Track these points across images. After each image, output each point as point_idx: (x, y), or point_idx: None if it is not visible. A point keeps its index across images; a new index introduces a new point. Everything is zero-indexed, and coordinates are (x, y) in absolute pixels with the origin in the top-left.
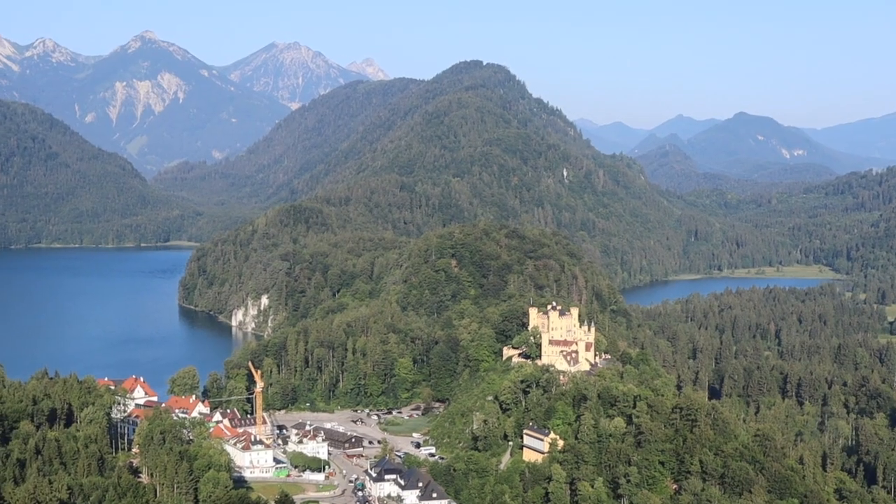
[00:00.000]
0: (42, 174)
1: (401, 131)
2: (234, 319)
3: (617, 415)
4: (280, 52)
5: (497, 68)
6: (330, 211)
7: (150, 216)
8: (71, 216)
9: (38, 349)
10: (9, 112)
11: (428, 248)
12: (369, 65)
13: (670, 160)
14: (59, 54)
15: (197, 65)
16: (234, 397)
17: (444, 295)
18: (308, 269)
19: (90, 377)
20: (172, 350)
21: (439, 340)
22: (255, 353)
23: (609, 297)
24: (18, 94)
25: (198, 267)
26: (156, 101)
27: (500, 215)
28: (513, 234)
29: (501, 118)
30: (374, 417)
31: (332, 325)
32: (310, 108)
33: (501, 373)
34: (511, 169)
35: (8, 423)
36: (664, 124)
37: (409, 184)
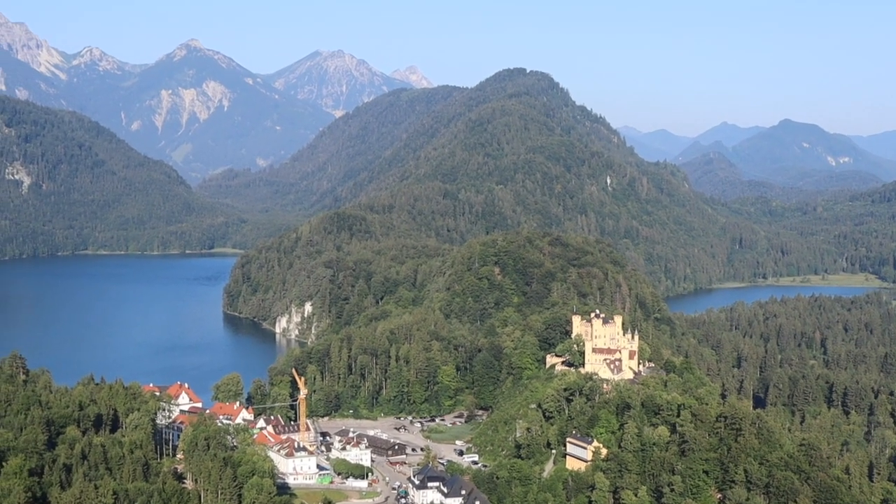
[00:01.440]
0: (89, 181)
1: (444, 139)
2: (278, 326)
3: (661, 423)
4: (324, 59)
5: (540, 76)
6: (373, 218)
7: (194, 223)
8: (117, 223)
9: (85, 355)
10: (56, 120)
11: (471, 255)
12: (413, 72)
13: (714, 168)
14: (106, 63)
15: (242, 73)
16: (277, 404)
17: (488, 302)
18: (351, 277)
19: (136, 383)
20: (217, 357)
21: (482, 348)
22: (298, 359)
23: (653, 306)
24: (66, 102)
25: (242, 274)
26: (201, 109)
27: (543, 223)
28: (556, 241)
29: (545, 126)
30: (417, 425)
31: (375, 332)
32: (353, 115)
33: (544, 381)
34: (554, 176)
35: (55, 428)
36: (708, 132)
37: (453, 191)
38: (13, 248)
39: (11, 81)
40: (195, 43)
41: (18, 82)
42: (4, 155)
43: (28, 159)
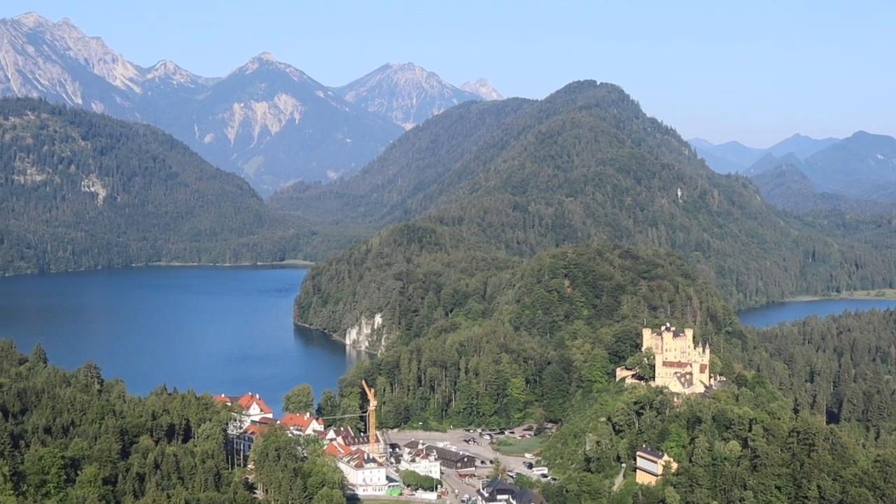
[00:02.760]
0: (162, 193)
1: (514, 151)
2: (348, 338)
3: (732, 438)
4: (394, 72)
5: (611, 88)
6: (443, 230)
7: (266, 235)
8: (189, 235)
9: (158, 365)
10: (131, 133)
11: (541, 267)
12: (483, 85)
13: (787, 180)
14: (180, 76)
15: (313, 86)
16: (347, 415)
17: (557, 315)
18: (421, 289)
19: (207, 393)
20: (287, 368)
21: (552, 361)
22: (368, 371)
23: (724, 319)
24: (140, 115)
25: (313, 286)
26: (272, 122)
27: (613, 235)
28: (626, 254)
29: (615, 138)
30: (486, 437)
31: (444, 344)
32: (423, 128)
33: (614, 394)
34: (625, 189)
35: (128, 437)
36: (781, 143)
37: (523, 203)
38: (89, 259)
39: (88, 95)
40: (267, 56)
41: (94, 96)
42: (80, 167)
43: (103, 172)
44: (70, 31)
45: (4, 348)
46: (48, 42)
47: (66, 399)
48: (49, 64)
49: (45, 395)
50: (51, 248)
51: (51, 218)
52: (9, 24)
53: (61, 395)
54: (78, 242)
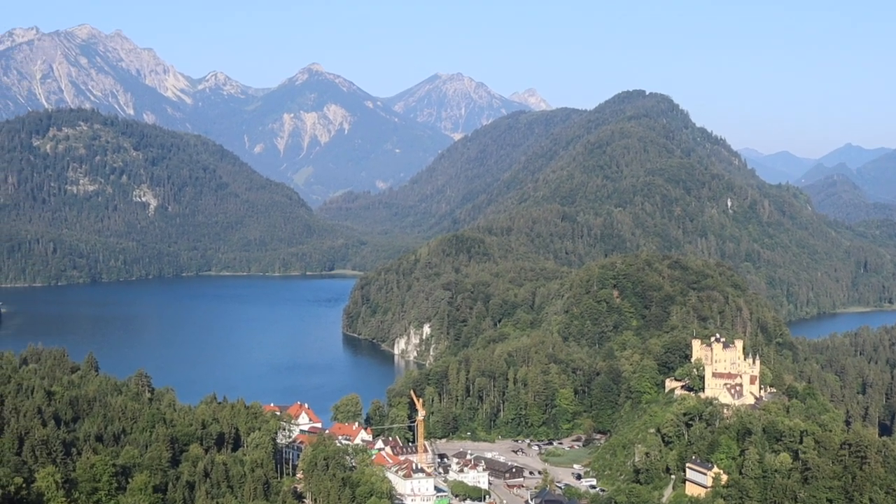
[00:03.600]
0: (213, 204)
1: (563, 161)
2: (397, 348)
3: (783, 450)
4: (443, 83)
5: (660, 98)
6: (492, 241)
7: (315, 245)
8: (239, 245)
9: (208, 374)
10: (182, 143)
11: (590, 278)
12: (531, 95)
13: (838, 190)
14: (230, 87)
15: (362, 96)
16: (396, 425)
17: (606, 326)
18: (470, 299)
19: (257, 403)
20: (336, 377)
21: (601, 371)
22: (416, 381)
23: (774, 330)
24: (191, 125)
25: (361, 295)
26: (322, 133)
27: (662, 246)
28: (676, 264)
29: (664, 148)
30: (534, 448)
31: (493, 354)
32: (472, 138)
33: (664, 405)
34: (674, 199)
35: (178, 445)
36: (832, 153)
37: (571, 214)
38: (140, 268)
39: (139, 106)
40: (317, 67)
41: (146, 107)
42: (132, 178)
43: (154, 182)
44: (122, 42)
45: (57, 357)
46: (101, 54)
47: (118, 407)
48: (101, 75)
49: (96, 403)
50: (103, 257)
51: (103, 228)
52: (62, 37)
53: (113, 403)
54: (129, 252)
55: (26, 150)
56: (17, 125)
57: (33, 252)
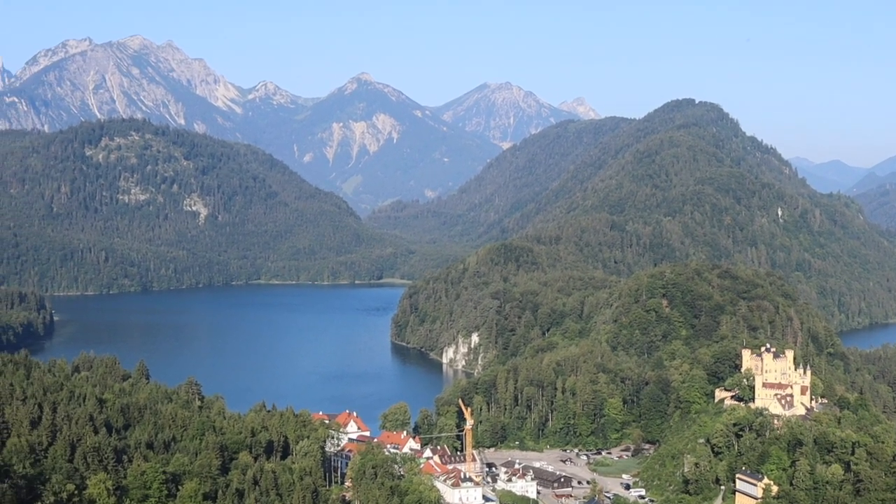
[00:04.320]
0: (262, 213)
1: (611, 170)
2: (445, 357)
3: (834, 461)
4: (492, 92)
5: (710, 106)
6: (540, 250)
7: (364, 254)
8: (289, 253)
9: (257, 382)
10: (232, 153)
11: (639, 287)
12: (580, 104)
13: (891, 199)
14: (280, 97)
15: (411, 105)
16: (444, 434)
17: (655, 335)
18: (518, 308)
19: (305, 411)
20: (384, 386)
21: (650, 381)
22: (465, 390)
23: (826, 340)
24: (241, 135)
25: (410, 304)
26: (371, 142)
27: (712, 255)
28: (725, 274)
29: (714, 157)
30: (583, 457)
31: (541, 363)
32: (521, 147)
33: (713, 415)
34: (724, 208)
35: (228, 453)
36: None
37: (620, 223)
38: (190, 277)
39: (190, 116)
40: (366, 76)
41: (197, 116)
42: (183, 187)
43: (205, 191)
44: (173, 53)
45: (109, 364)
46: (152, 64)
47: (168, 415)
48: (153, 85)
49: (147, 410)
50: (153, 266)
51: (154, 237)
52: (115, 47)
53: (163, 410)
54: (180, 261)
55: (79, 159)
56: (70, 135)
57: (86, 261)
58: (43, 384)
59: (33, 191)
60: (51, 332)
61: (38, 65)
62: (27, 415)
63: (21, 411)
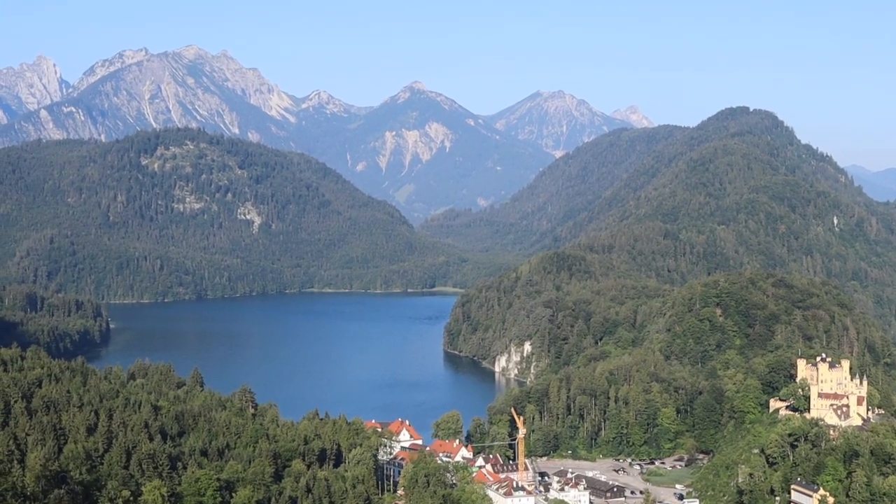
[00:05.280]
0: (315, 221)
1: (665, 178)
2: (497, 365)
3: (891, 473)
4: (545, 100)
5: (764, 114)
6: (593, 258)
7: (416, 262)
8: (342, 262)
9: (310, 390)
10: (286, 161)
11: (692, 296)
12: (633, 112)
13: None
14: (333, 106)
15: (463, 114)
16: (496, 443)
17: (709, 344)
18: (571, 317)
19: (358, 419)
20: (437, 394)
21: (703, 391)
22: (517, 399)
23: (882, 350)
24: (295, 144)
25: (462, 313)
26: (423, 150)
27: (766, 264)
28: (780, 283)
29: (769, 165)
30: (636, 467)
31: (594, 372)
32: (573, 156)
33: (768, 425)
34: (778, 217)
35: (281, 461)
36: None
37: (673, 231)
38: (244, 285)
39: (244, 125)
40: (419, 85)
41: (251, 125)
42: (237, 196)
43: (259, 200)
44: (228, 62)
45: (163, 372)
46: (207, 74)
47: (222, 422)
48: (208, 95)
49: (201, 418)
50: (208, 274)
51: (208, 245)
52: (170, 57)
53: (217, 418)
54: (234, 269)
55: (135, 168)
56: (127, 145)
57: (141, 269)
58: (99, 391)
59: (90, 200)
60: (107, 340)
61: (95, 75)
62: (84, 421)
63: (78, 418)
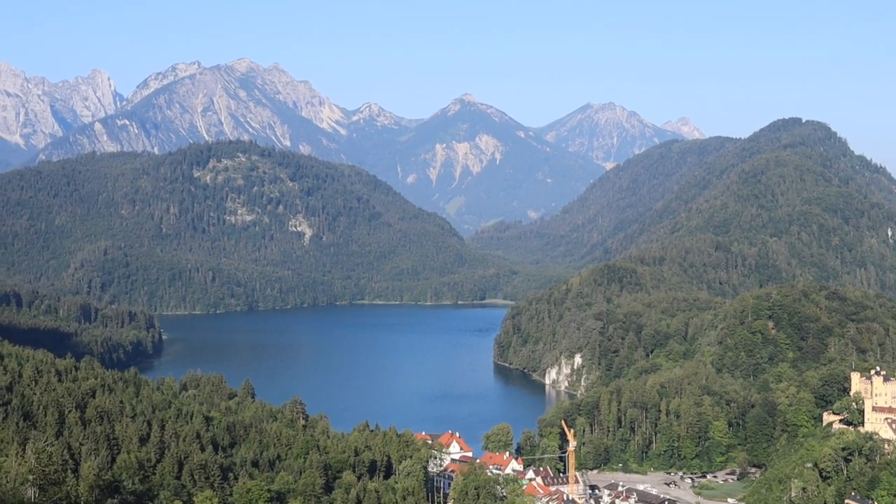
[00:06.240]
0: (366, 233)
1: (716, 190)
2: (548, 378)
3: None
4: (595, 112)
5: (817, 125)
6: (644, 270)
7: (466, 274)
8: (392, 274)
9: (360, 402)
10: (336, 174)
11: (744, 309)
12: (684, 124)
13: None
14: (384, 118)
15: (513, 126)
16: (546, 455)
17: (761, 357)
18: (622, 329)
19: (408, 431)
20: (487, 406)
21: (756, 404)
22: (567, 411)
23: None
24: (346, 156)
25: (512, 325)
26: (474, 162)
27: (819, 276)
28: (833, 295)
29: (821, 176)
30: (687, 480)
31: (645, 385)
32: (624, 167)
33: (821, 439)
34: (831, 229)
35: (331, 472)
36: None
37: (725, 243)
38: (295, 297)
39: (296, 137)
40: (469, 97)
41: (302, 138)
42: (288, 208)
43: (310, 212)
44: (279, 75)
45: (215, 383)
46: (259, 86)
47: (273, 433)
48: (259, 108)
49: (252, 429)
50: (259, 286)
51: (259, 257)
52: (223, 70)
53: (268, 429)
54: (285, 281)
55: (187, 181)
56: (179, 157)
57: (193, 280)
58: (152, 402)
59: (143, 212)
60: (159, 351)
61: (148, 88)
62: (136, 432)
63: (130, 428)
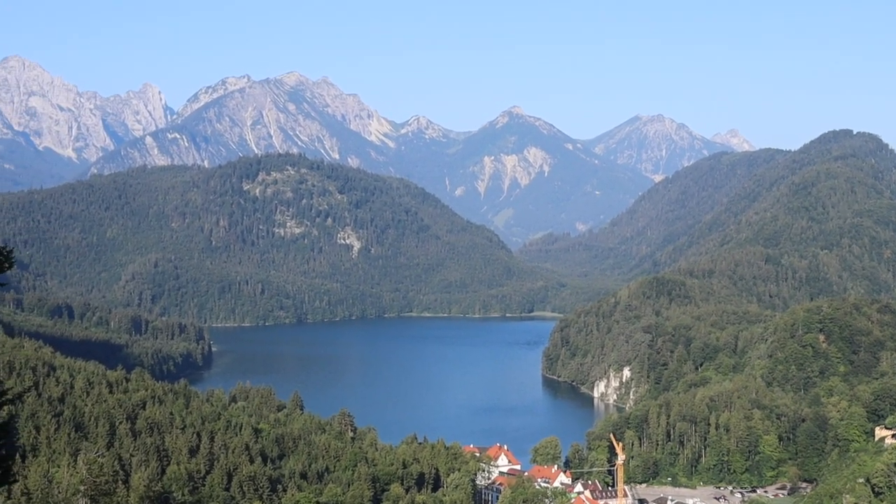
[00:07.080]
0: (414, 246)
1: (766, 202)
2: (596, 391)
3: None
4: (643, 124)
5: (868, 137)
6: (693, 283)
7: (515, 287)
8: (440, 286)
9: (408, 414)
10: (385, 186)
11: (794, 322)
12: (734, 135)
13: None
14: (432, 131)
15: (562, 138)
16: (595, 469)
17: (812, 371)
18: (671, 342)
19: (456, 443)
20: (535, 419)
21: (806, 418)
22: (616, 424)
23: None
24: (394, 169)
25: (561, 338)
26: (522, 175)
27: (871, 289)
28: (885, 308)
29: (873, 189)
30: (737, 495)
31: (694, 398)
32: (673, 180)
33: (873, 454)
34: (883, 241)
35: (379, 485)
36: None
37: (775, 256)
38: (343, 309)
39: (344, 150)
40: (517, 110)
41: (350, 151)
42: (337, 220)
43: (358, 224)
44: (328, 88)
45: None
46: (308, 100)
47: (321, 445)
48: (308, 121)
49: (301, 441)
50: (308, 298)
51: (308, 269)
52: (272, 84)
53: (317, 441)
54: (334, 293)
55: (237, 194)
56: (229, 170)
57: (242, 293)
58: (201, 413)
59: (193, 224)
60: (209, 363)
61: (198, 102)
62: (186, 443)
63: (180, 440)
